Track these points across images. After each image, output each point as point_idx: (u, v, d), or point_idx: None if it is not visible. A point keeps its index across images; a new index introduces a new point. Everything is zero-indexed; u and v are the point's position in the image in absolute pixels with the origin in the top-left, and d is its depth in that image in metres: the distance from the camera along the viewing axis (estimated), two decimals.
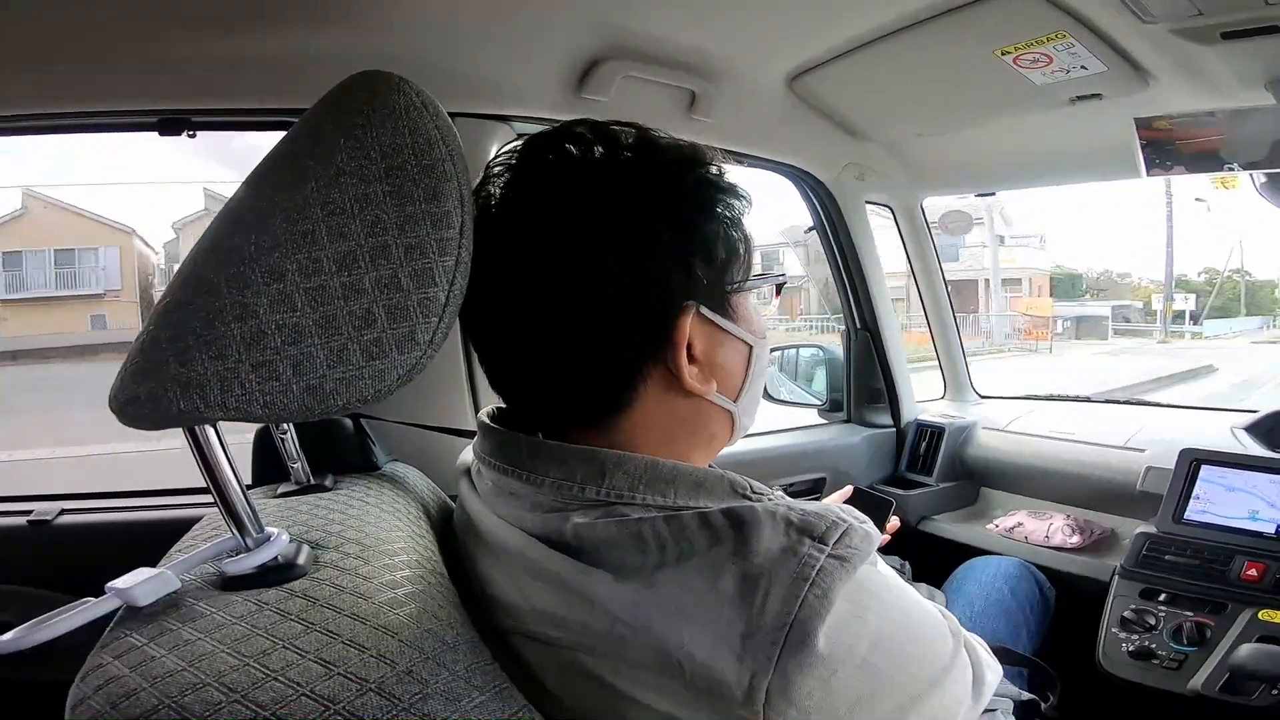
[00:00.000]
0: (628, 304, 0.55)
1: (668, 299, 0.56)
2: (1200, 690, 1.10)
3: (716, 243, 0.58)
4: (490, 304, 0.57)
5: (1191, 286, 15.14)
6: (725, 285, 0.59)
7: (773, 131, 1.53)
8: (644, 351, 0.56)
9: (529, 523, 0.57)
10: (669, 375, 0.57)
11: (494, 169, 0.60)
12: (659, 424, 0.59)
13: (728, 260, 0.59)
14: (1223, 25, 1.02)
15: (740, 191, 0.60)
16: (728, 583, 0.48)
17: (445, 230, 0.52)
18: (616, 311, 0.55)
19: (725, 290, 0.59)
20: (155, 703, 0.41)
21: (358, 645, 0.46)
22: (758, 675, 0.46)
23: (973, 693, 0.58)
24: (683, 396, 0.58)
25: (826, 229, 1.81)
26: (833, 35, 1.23)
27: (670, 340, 0.56)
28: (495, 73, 1.17)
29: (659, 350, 0.56)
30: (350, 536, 0.64)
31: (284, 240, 0.48)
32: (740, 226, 0.60)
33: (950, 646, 0.55)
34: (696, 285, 0.57)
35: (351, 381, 0.48)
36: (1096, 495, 1.57)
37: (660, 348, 0.56)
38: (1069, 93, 1.27)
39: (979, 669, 0.59)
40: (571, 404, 0.58)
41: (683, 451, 0.60)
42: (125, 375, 0.46)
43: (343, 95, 0.56)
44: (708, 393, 0.59)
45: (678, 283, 0.56)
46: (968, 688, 0.57)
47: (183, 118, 1.09)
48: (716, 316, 0.58)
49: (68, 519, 1.16)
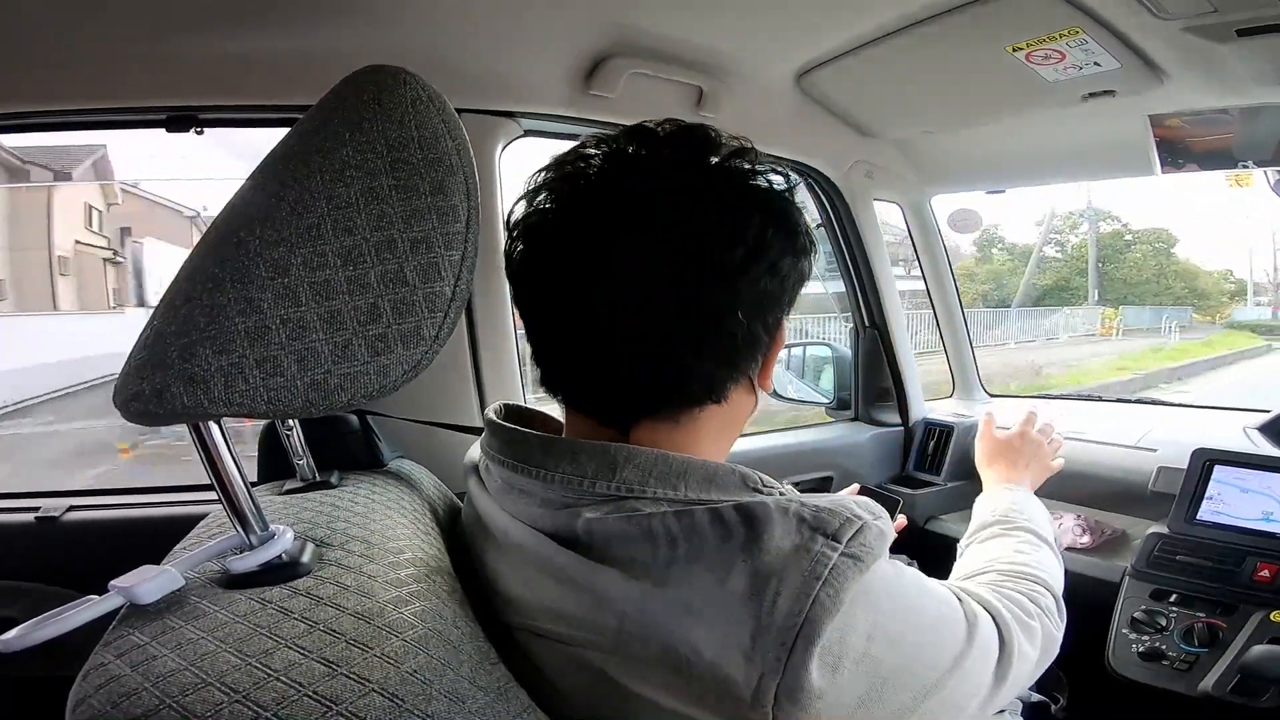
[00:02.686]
0: (772, 306, 0.57)
1: (779, 304, 0.59)
2: (1210, 692, 1.09)
3: (805, 258, 0.60)
4: (584, 297, 0.55)
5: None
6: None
7: (780, 129, 1.53)
8: (759, 351, 0.59)
9: (539, 519, 0.57)
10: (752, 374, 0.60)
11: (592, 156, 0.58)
12: (728, 418, 0.61)
13: (803, 276, 0.62)
14: (1238, 22, 1.01)
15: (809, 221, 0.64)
16: (738, 580, 0.47)
17: (452, 225, 0.52)
18: (763, 311, 0.57)
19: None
20: (156, 702, 0.40)
21: (361, 645, 0.46)
22: (766, 676, 0.45)
23: (994, 675, 0.58)
24: (748, 393, 0.61)
25: (835, 227, 1.80)
26: (841, 32, 1.22)
27: (775, 341, 0.60)
28: (503, 68, 1.17)
29: (764, 352, 0.60)
30: (355, 534, 0.63)
31: (289, 234, 0.48)
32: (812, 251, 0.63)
33: (964, 634, 0.55)
34: (790, 295, 0.60)
35: (356, 377, 0.48)
36: (1107, 495, 1.55)
37: (770, 348, 0.60)
38: (1081, 89, 1.26)
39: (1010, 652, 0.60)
40: (664, 399, 0.58)
41: (726, 442, 0.63)
42: (129, 370, 0.46)
43: (349, 90, 0.55)
44: (768, 389, 0.62)
45: (788, 290, 0.59)
46: (989, 668, 0.57)
47: (190, 114, 1.09)
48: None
49: (75, 516, 1.16)
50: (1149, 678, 1.16)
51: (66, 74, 1.01)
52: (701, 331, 0.54)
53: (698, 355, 0.55)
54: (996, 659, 0.58)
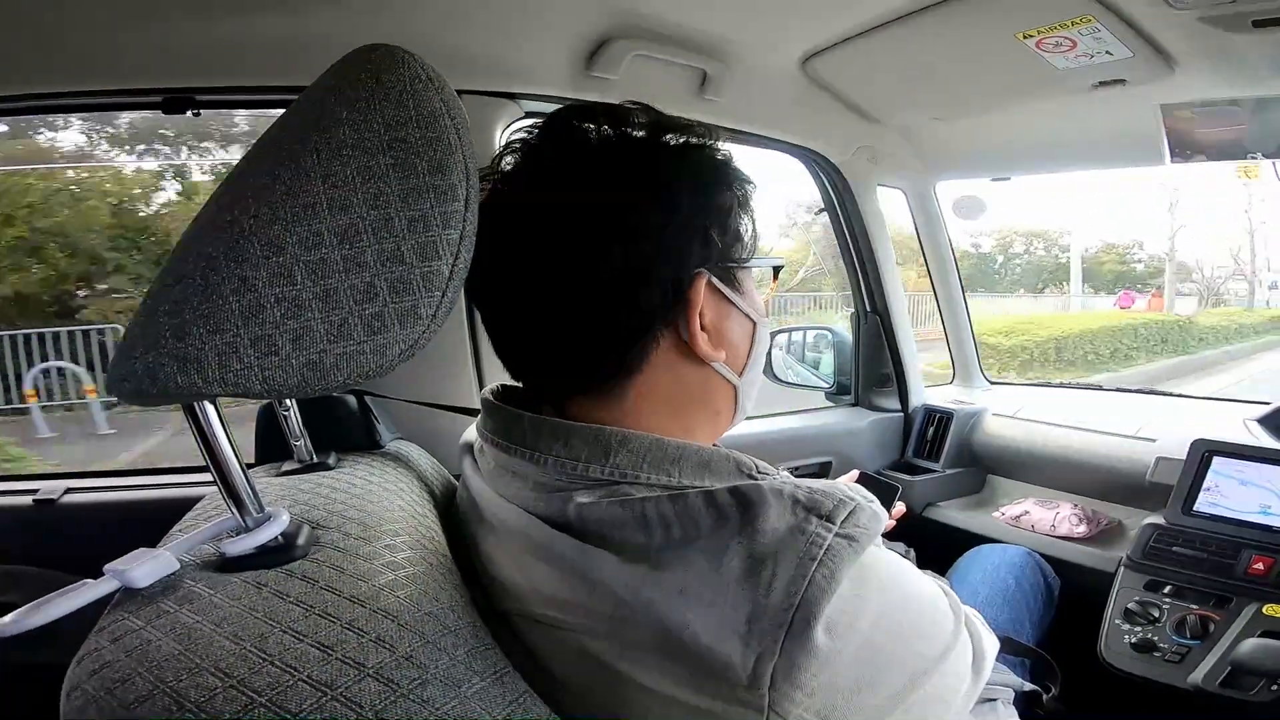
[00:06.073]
0: (648, 263, 0.56)
1: (684, 260, 0.57)
2: (1200, 684, 1.09)
3: (730, 215, 0.60)
4: (503, 266, 0.57)
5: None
6: (734, 258, 0.60)
7: (784, 113, 1.51)
8: (659, 312, 0.57)
9: (532, 502, 0.56)
10: (679, 341, 0.58)
11: (512, 142, 0.61)
12: (667, 393, 0.59)
13: (738, 234, 0.61)
14: (1254, 13, 1.00)
15: (748, 176, 0.63)
16: (733, 563, 0.47)
17: (450, 203, 0.51)
18: (636, 270, 0.55)
19: (734, 263, 0.60)
20: (150, 688, 0.40)
21: (356, 629, 0.45)
22: (763, 658, 0.45)
23: (973, 669, 0.58)
24: (691, 364, 0.59)
25: (838, 211, 1.79)
26: (848, 17, 1.21)
27: (685, 301, 0.57)
28: (503, 50, 1.16)
29: (672, 312, 0.57)
30: (352, 516, 0.63)
31: (284, 213, 0.47)
32: (749, 207, 0.63)
33: (952, 624, 0.55)
34: (712, 252, 0.58)
35: (353, 356, 0.47)
36: (1105, 485, 1.56)
37: (674, 309, 0.57)
38: (1092, 78, 1.25)
39: (979, 645, 0.60)
40: (580, 367, 0.58)
41: (689, 424, 0.61)
42: (122, 350, 0.45)
43: (347, 68, 0.54)
44: (716, 359, 0.60)
45: (696, 246, 0.57)
46: (969, 665, 0.57)
47: (187, 96, 1.08)
48: (725, 288, 0.60)
49: (72, 498, 1.16)
50: (1140, 669, 1.17)
51: (63, 56, 1.00)
52: (568, 302, 0.56)
53: (575, 325, 0.56)
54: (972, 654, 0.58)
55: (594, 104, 0.60)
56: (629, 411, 0.58)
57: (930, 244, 1.97)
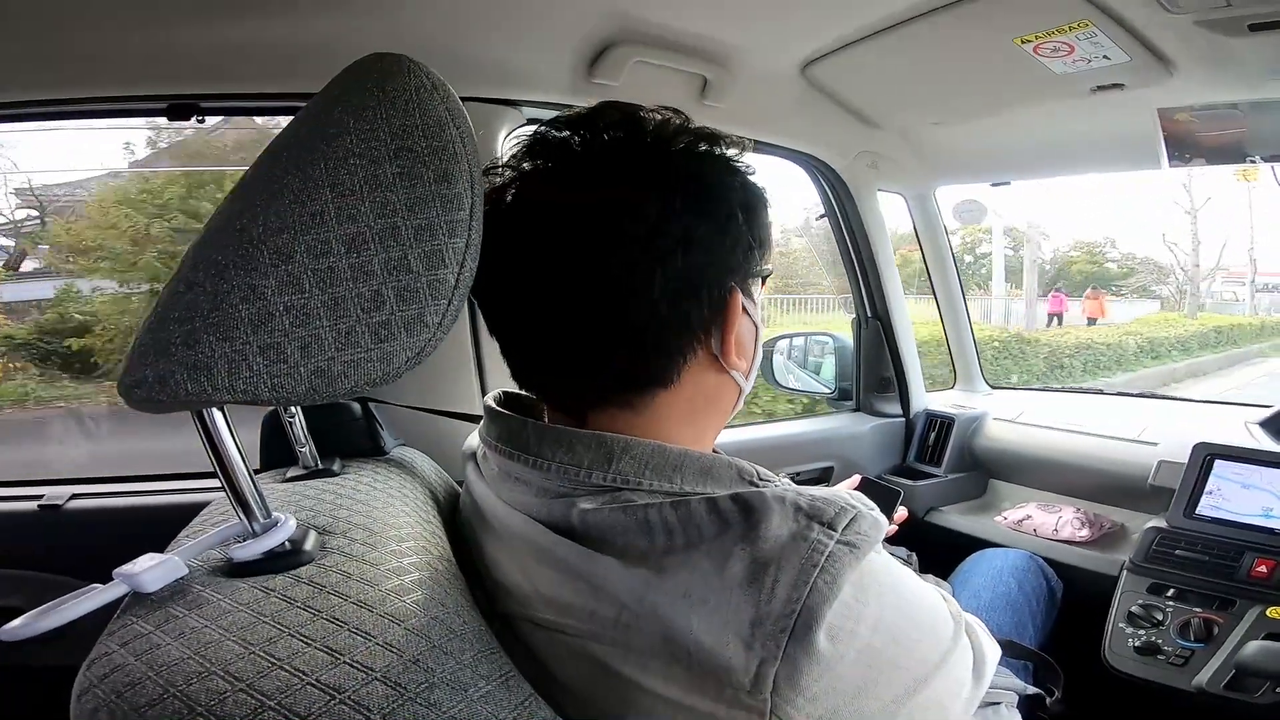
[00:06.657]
0: (699, 276, 0.56)
1: (731, 273, 0.58)
2: (1204, 687, 1.09)
3: (767, 228, 0.61)
4: (533, 283, 0.56)
5: None
6: (757, 270, 0.61)
7: (785, 118, 1.51)
8: (701, 324, 0.58)
9: (535, 508, 0.57)
10: (710, 352, 0.59)
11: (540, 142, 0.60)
12: (690, 404, 0.60)
13: (765, 245, 0.62)
14: (1250, 17, 1.01)
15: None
16: (736, 569, 0.47)
17: (455, 212, 0.51)
18: (689, 286, 0.56)
19: (756, 274, 0.61)
20: (160, 692, 0.40)
21: (364, 633, 0.46)
22: (765, 663, 0.45)
23: (973, 674, 0.58)
24: (714, 373, 0.60)
25: (838, 217, 1.80)
26: (848, 22, 1.21)
27: (726, 317, 0.58)
28: (505, 57, 1.16)
29: (711, 327, 0.58)
30: (357, 522, 0.63)
31: (293, 221, 0.47)
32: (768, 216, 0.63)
33: (951, 630, 0.55)
34: (751, 265, 0.60)
35: (359, 364, 0.48)
36: (1107, 489, 1.56)
37: (714, 324, 0.58)
38: (1090, 82, 1.25)
39: (979, 651, 0.60)
40: (619, 382, 0.58)
41: (701, 430, 0.62)
42: (133, 357, 0.46)
43: (352, 77, 0.55)
44: (739, 368, 0.61)
45: (739, 259, 0.58)
46: (969, 670, 0.57)
47: (191, 103, 1.08)
48: (746, 299, 0.60)
49: (78, 504, 1.17)
50: (1144, 672, 1.17)
51: (67, 62, 1.01)
52: (617, 316, 0.55)
53: (620, 340, 0.55)
54: (973, 659, 0.59)
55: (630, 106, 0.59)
56: (651, 420, 0.59)
57: (930, 248, 1.97)
